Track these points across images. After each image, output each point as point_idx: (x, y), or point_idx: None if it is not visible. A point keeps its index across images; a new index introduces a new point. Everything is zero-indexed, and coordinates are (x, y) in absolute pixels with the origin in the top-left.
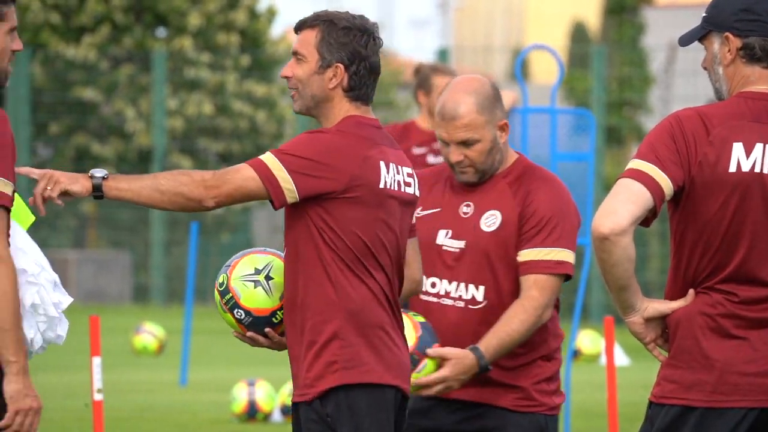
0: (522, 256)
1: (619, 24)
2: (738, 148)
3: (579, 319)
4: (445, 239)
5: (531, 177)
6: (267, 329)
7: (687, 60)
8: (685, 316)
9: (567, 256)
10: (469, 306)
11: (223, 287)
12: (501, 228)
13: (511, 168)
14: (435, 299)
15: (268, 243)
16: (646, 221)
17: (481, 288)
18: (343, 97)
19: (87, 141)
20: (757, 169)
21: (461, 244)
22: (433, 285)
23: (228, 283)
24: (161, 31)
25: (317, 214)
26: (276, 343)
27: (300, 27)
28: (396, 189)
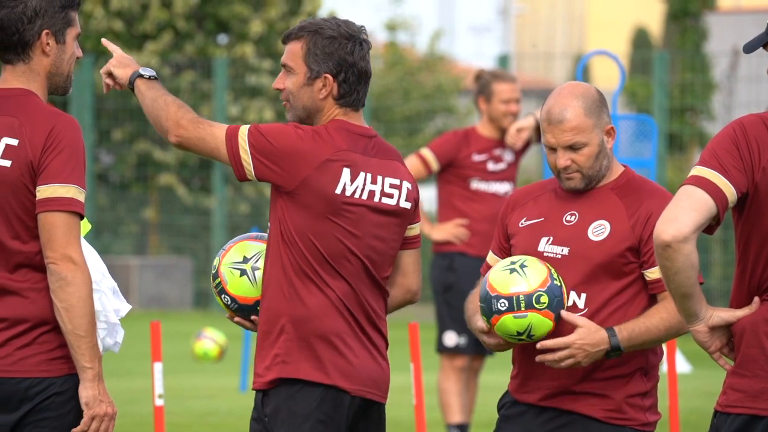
0: (657, 273)
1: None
2: None
3: None
4: (547, 246)
5: (645, 192)
6: (253, 317)
7: (750, 66)
8: (750, 324)
9: None
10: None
11: (215, 271)
12: (609, 238)
13: (619, 179)
14: None
15: None
16: (709, 228)
17: (583, 296)
18: (333, 106)
19: (149, 147)
20: None
21: (564, 250)
22: None
23: (218, 268)
24: (223, 38)
25: (282, 207)
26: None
27: (286, 39)
28: (365, 198)
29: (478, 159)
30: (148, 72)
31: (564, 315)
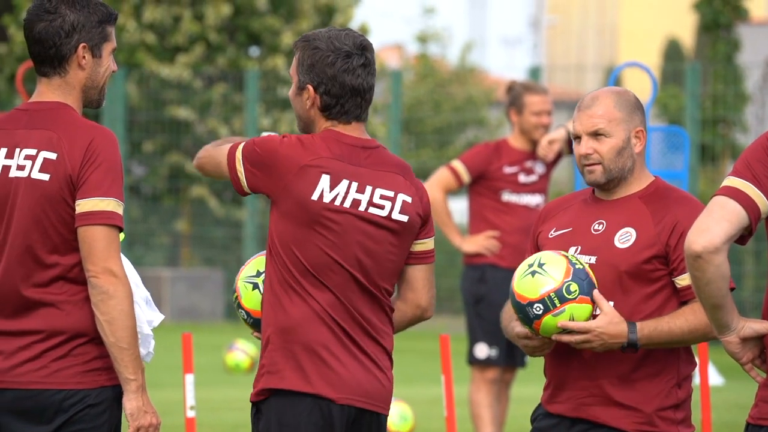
0: (687, 279)
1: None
2: None
3: None
4: (575, 255)
5: (672, 199)
6: None
7: None
8: None
9: None
10: None
11: (234, 286)
12: (635, 245)
13: (648, 188)
14: None
15: None
16: (741, 239)
17: (612, 303)
18: (321, 117)
19: (181, 159)
20: None
21: (591, 259)
22: None
23: (236, 282)
24: (254, 50)
25: (272, 218)
26: None
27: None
28: (348, 206)
29: (509, 171)
30: None
31: (595, 295)
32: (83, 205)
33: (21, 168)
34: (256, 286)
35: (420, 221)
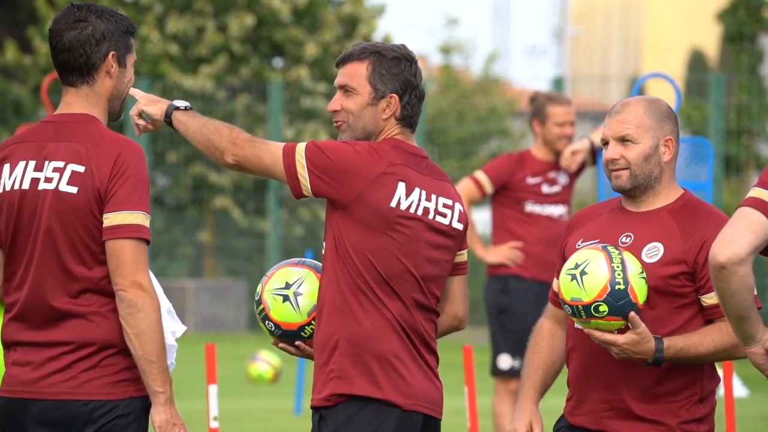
0: (714, 298)
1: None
2: None
3: None
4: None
5: (701, 216)
6: (297, 342)
7: None
8: None
9: None
10: None
11: (258, 297)
12: (662, 260)
13: (677, 202)
14: None
15: None
16: (766, 251)
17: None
18: (394, 126)
19: (204, 170)
20: None
21: None
22: None
23: (261, 294)
24: (278, 61)
25: (338, 223)
26: (307, 355)
27: (346, 60)
28: (420, 214)
29: (532, 182)
30: (183, 104)
31: (631, 317)
32: (111, 219)
33: (49, 180)
34: (286, 298)
35: (465, 230)
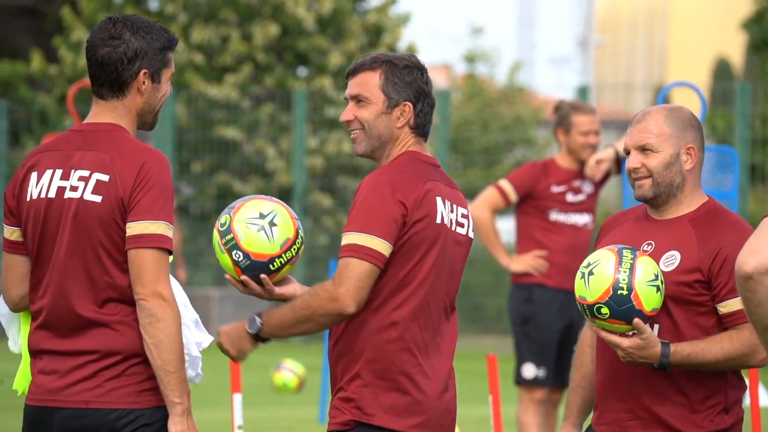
0: (728, 306)
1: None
2: None
3: None
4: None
5: (720, 224)
6: (262, 275)
7: None
8: None
9: None
10: None
11: (225, 227)
12: (678, 268)
13: (698, 210)
14: None
15: None
16: None
17: (656, 327)
18: (409, 134)
19: (229, 179)
20: None
21: None
22: None
23: (230, 224)
24: (302, 71)
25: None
26: (267, 291)
27: (357, 70)
28: (447, 224)
29: (557, 190)
30: (255, 323)
31: (635, 322)
32: (133, 228)
33: (74, 189)
34: (261, 228)
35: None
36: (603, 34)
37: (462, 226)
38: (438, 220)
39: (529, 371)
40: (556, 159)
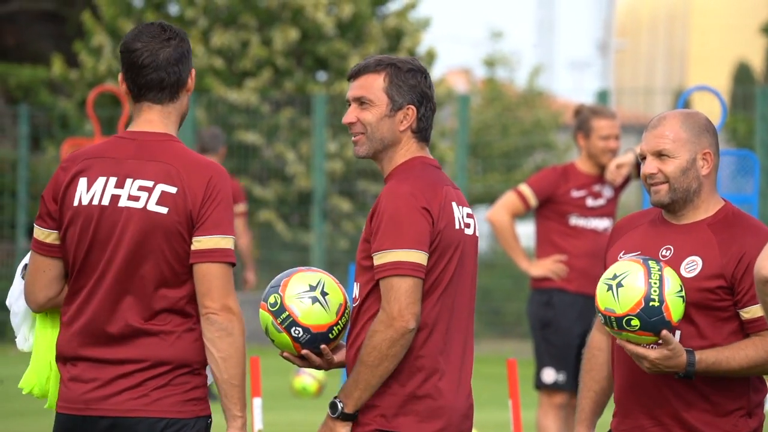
0: (751, 312)
1: None
2: None
3: None
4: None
5: (740, 229)
6: (322, 346)
7: None
8: None
9: None
10: None
11: (277, 306)
12: (700, 274)
13: (717, 215)
14: None
15: None
16: None
17: (678, 333)
18: (411, 138)
19: (249, 183)
20: None
21: None
22: None
23: (282, 302)
24: (322, 75)
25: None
26: (327, 361)
27: (360, 73)
28: (464, 229)
29: (576, 195)
30: (336, 407)
31: (663, 334)
32: (204, 243)
33: (134, 198)
34: (315, 299)
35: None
36: (623, 37)
37: (469, 226)
38: (457, 225)
39: (549, 376)
40: (576, 163)
